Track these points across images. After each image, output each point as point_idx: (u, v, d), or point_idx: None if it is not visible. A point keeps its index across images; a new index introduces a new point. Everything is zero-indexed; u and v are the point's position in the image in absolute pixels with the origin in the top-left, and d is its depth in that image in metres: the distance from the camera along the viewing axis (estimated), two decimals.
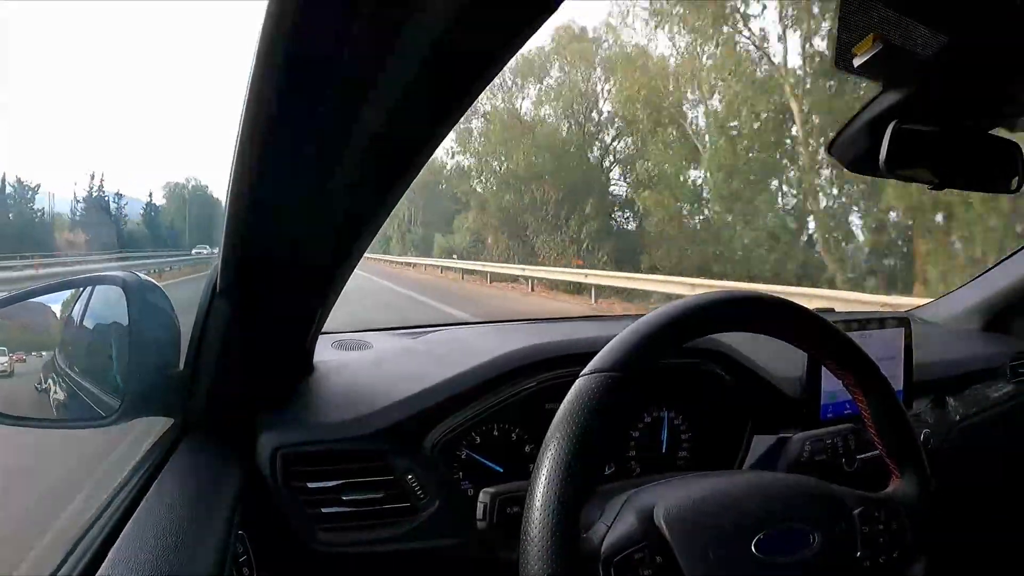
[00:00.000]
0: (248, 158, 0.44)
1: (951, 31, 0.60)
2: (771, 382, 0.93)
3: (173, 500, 0.59)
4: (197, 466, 0.68)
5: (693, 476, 0.60)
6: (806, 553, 0.53)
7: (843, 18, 0.61)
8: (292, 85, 0.38)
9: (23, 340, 0.78)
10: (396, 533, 0.74)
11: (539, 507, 0.46)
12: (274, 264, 0.60)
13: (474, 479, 0.79)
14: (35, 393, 0.77)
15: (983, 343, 1.29)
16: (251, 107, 0.39)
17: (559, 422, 0.49)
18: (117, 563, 0.48)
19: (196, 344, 0.69)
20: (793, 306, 0.60)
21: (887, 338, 1.01)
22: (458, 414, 0.79)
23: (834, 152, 0.79)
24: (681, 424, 0.91)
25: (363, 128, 0.43)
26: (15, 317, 0.75)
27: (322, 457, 0.73)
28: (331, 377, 0.85)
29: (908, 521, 0.58)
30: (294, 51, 0.35)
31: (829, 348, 0.61)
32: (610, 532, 0.51)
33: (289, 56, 0.35)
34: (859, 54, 0.62)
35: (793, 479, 0.59)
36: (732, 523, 0.52)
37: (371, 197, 0.53)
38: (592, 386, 0.50)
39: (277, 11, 0.32)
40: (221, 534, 0.55)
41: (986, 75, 0.69)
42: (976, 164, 0.76)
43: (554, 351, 0.84)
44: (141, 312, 0.66)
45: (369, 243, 0.62)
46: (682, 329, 0.55)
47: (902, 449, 0.61)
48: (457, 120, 0.44)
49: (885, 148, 0.69)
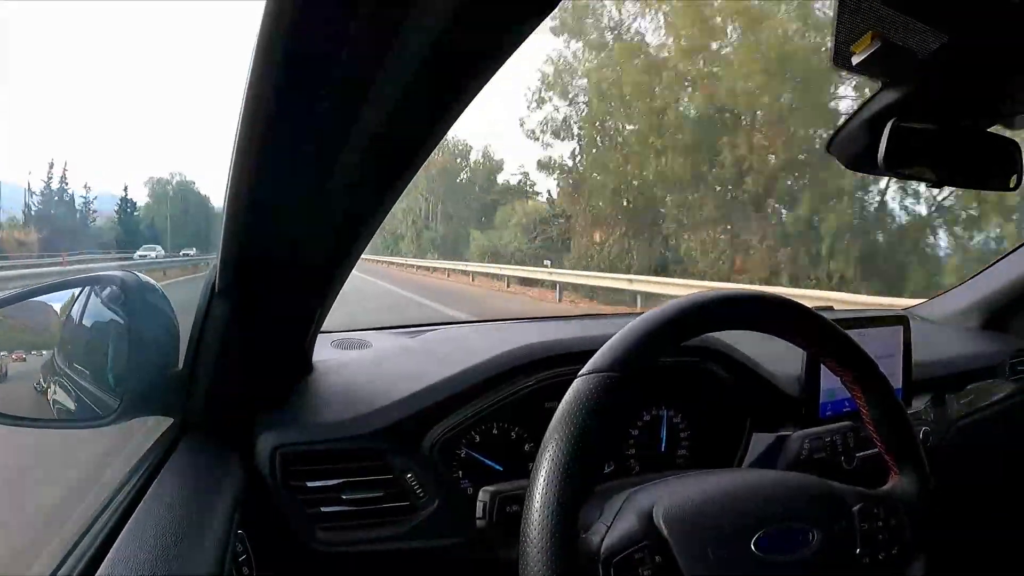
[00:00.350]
0: (247, 158, 0.44)
1: (950, 29, 0.60)
2: (770, 380, 0.94)
3: (172, 500, 0.59)
4: (196, 466, 0.68)
5: (692, 475, 0.60)
6: (806, 551, 0.53)
7: (840, 16, 0.61)
8: (291, 85, 0.38)
9: (22, 340, 0.78)
10: (396, 532, 0.74)
11: (538, 509, 0.46)
12: (273, 264, 0.60)
13: (474, 478, 0.79)
14: (34, 393, 0.77)
15: (981, 341, 1.29)
16: (249, 107, 0.39)
17: (556, 424, 0.49)
18: (116, 563, 0.48)
19: (195, 343, 0.69)
20: (792, 304, 0.60)
21: (886, 336, 1.02)
22: (457, 413, 0.79)
23: (833, 150, 0.79)
24: (680, 423, 0.91)
25: (362, 128, 0.43)
26: (14, 317, 0.75)
27: (321, 456, 0.73)
28: (330, 376, 0.85)
29: (907, 518, 0.58)
30: (293, 50, 0.35)
31: (827, 346, 0.61)
32: (609, 532, 0.51)
33: (288, 55, 0.35)
34: (857, 52, 0.62)
35: (792, 477, 0.59)
36: (731, 522, 0.52)
37: (370, 197, 0.53)
38: (590, 387, 0.50)
39: (276, 10, 0.32)
40: (220, 534, 0.55)
41: (985, 73, 0.69)
42: (975, 162, 0.76)
43: (553, 349, 0.84)
44: (140, 312, 0.66)
45: (368, 242, 0.62)
46: (680, 328, 0.55)
47: (900, 445, 0.61)
48: (456, 119, 0.44)
49: (884, 146, 0.69)
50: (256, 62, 0.36)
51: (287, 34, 0.34)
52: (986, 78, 0.70)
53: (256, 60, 0.36)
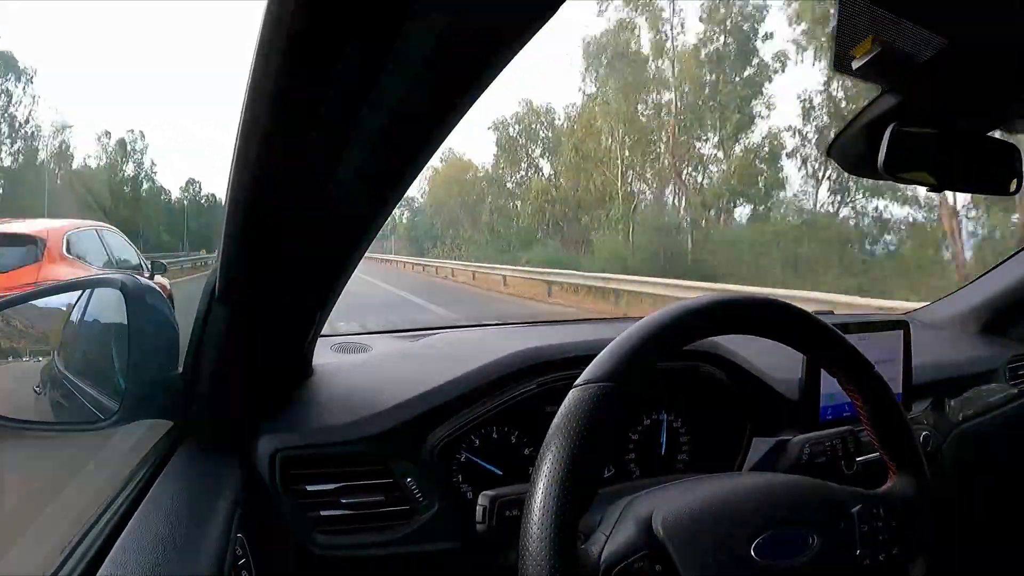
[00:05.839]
0: (246, 163, 0.44)
1: (950, 34, 0.60)
2: (770, 384, 0.93)
3: (172, 503, 0.59)
4: (196, 469, 0.67)
5: (691, 480, 0.60)
6: (806, 555, 0.52)
7: (841, 21, 0.61)
8: (291, 87, 0.38)
9: (22, 343, 0.78)
10: (395, 536, 0.74)
11: (536, 521, 0.46)
12: (273, 268, 0.60)
13: (473, 482, 0.79)
14: (34, 396, 0.77)
15: (981, 346, 1.29)
16: (249, 109, 0.39)
17: (553, 434, 0.49)
18: (116, 566, 0.48)
19: (195, 347, 0.69)
20: (790, 308, 0.60)
21: (886, 341, 1.02)
22: (457, 417, 0.79)
23: (833, 154, 0.80)
24: (680, 427, 0.91)
25: (362, 131, 0.43)
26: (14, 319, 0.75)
27: (321, 460, 0.73)
28: (330, 380, 0.85)
29: (907, 518, 0.58)
30: (293, 52, 0.35)
31: (825, 349, 0.61)
32: (609, 541, 0.50)
33: (288, 57, 0.35)
34: (858, 57, 0.63)
35: (791, 480, 0.59)
36: (731, 528, 0.52)
37: (370, 200, 0.52)
38: (585, 397, 0.50)
39: (276, 10, 0.32)
40: (220, 537, 0.55)
41: (985, 78, 0.69)
42: (975, 166, 0.76)
43: (554, 354, 0.84)
44: (140, 315, 0.66)
45: (368, 246, 0.62)
46: (678, 333, 0.55)
47: (899, 446, 0.61)
48: (457, 122, 0.44)
49: (884, 151, 0.69)
50: (256, 64, 0.36)
51: (287, 35, 0.34)
52: (986, 82, 0.70)
53: (256, 63, 0.36)
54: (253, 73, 0.36)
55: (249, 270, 0.60)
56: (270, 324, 0.68)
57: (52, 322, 0.78)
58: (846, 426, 0.90)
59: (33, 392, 0.77)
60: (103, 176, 31.75)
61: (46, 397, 0.77)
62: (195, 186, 41.45)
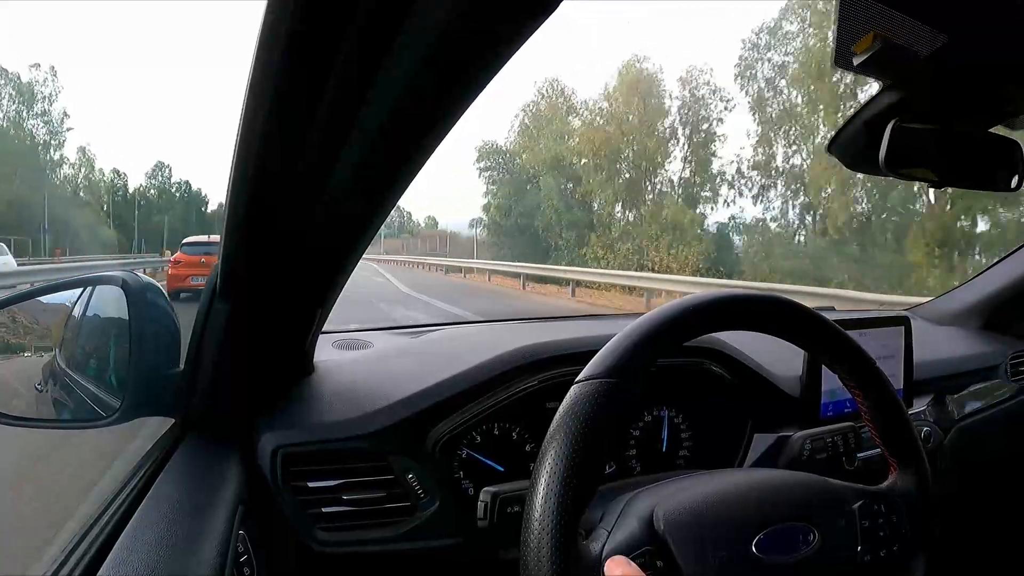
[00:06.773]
0: (247, 160, 0.44)
1: (951, 29, 0.60)
2: (771, 381, 0.93)
3: (173, 500, 0.59)
4: (197, 466, 0.68)
5: (692, 476, 0.60)
6: (807, 551, 0.52)
7: (841, 16, 0.61)
8: (292, 85, 0.38)
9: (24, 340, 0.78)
10: (396, 533, 0.74)
11: (538, 518, 0.46)
12: (273, 265, 0.60)
13: (475, 478, 0.79)
14: (35, 393, 0.77)
15: (982, 342, 1.29)
16: (250, 107, 0.39)
17: (554, 432, 0.49)
18: (118, 563, 0.48)
19: (196, 344, 0.69)
20: (791, 304, 0.60)
21: (887, 337, 1.02)
22: (459, 413, 0.79)
23: (834, 151, 0.79)
24: (681, 423, 0.91)
25: (363, 128, 0.43)
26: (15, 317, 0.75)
27: (322, 457, 0.73)
28: (331, 376, 0.85)
29: (908, 514, 0.58)
30: (293, 50, 0.35)
31: (827, 345, 0.61)
32: (610, 538, 0.50)
33: (288, 55, 0.35)
34: (858, 52, 0.62)
35: (791, 476, 0.59)
36: (732, 524, 0.52)
37: (371, 197, 0.53)
38: (587, 393, 0.49)
39: (276, 10, 0.32)
40: (221, 534, 0.55)
41: (986, 74, 0.68)
42: (976, 162, 0.76)
43: (555, 350, 0.84)
44: (141, 312, 0.66)
45: (369, 243, 0.62)
46: (679, 329, 0.55)
47: (900, 442, 0.61)
48: (458, 119, 0.44)
49: (884, 147, 0.69)
50: (256, 63, 0.36)
51: (287, 33, 0.34)
52: (987, 78, 0.70)
53: (256, 61, 0.36)
54: (253, 72, 0.36)
55: (249, 267, 0.60)
56: (271, 321, 0.68)
57: (54, 319, 0.78)
58: (847, 422, 0.90)
59: (35, 389, 0.77)
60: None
61: (48, 394, 0.77)
62: (165, 171, 35.90)
